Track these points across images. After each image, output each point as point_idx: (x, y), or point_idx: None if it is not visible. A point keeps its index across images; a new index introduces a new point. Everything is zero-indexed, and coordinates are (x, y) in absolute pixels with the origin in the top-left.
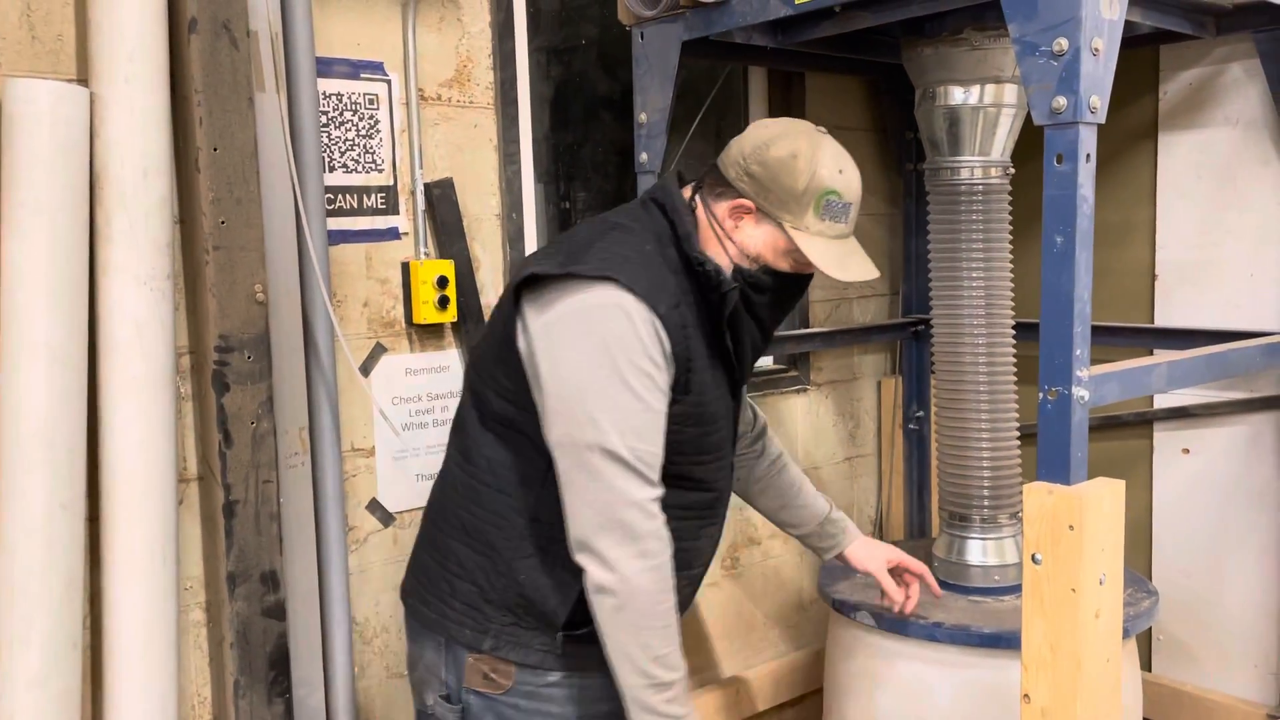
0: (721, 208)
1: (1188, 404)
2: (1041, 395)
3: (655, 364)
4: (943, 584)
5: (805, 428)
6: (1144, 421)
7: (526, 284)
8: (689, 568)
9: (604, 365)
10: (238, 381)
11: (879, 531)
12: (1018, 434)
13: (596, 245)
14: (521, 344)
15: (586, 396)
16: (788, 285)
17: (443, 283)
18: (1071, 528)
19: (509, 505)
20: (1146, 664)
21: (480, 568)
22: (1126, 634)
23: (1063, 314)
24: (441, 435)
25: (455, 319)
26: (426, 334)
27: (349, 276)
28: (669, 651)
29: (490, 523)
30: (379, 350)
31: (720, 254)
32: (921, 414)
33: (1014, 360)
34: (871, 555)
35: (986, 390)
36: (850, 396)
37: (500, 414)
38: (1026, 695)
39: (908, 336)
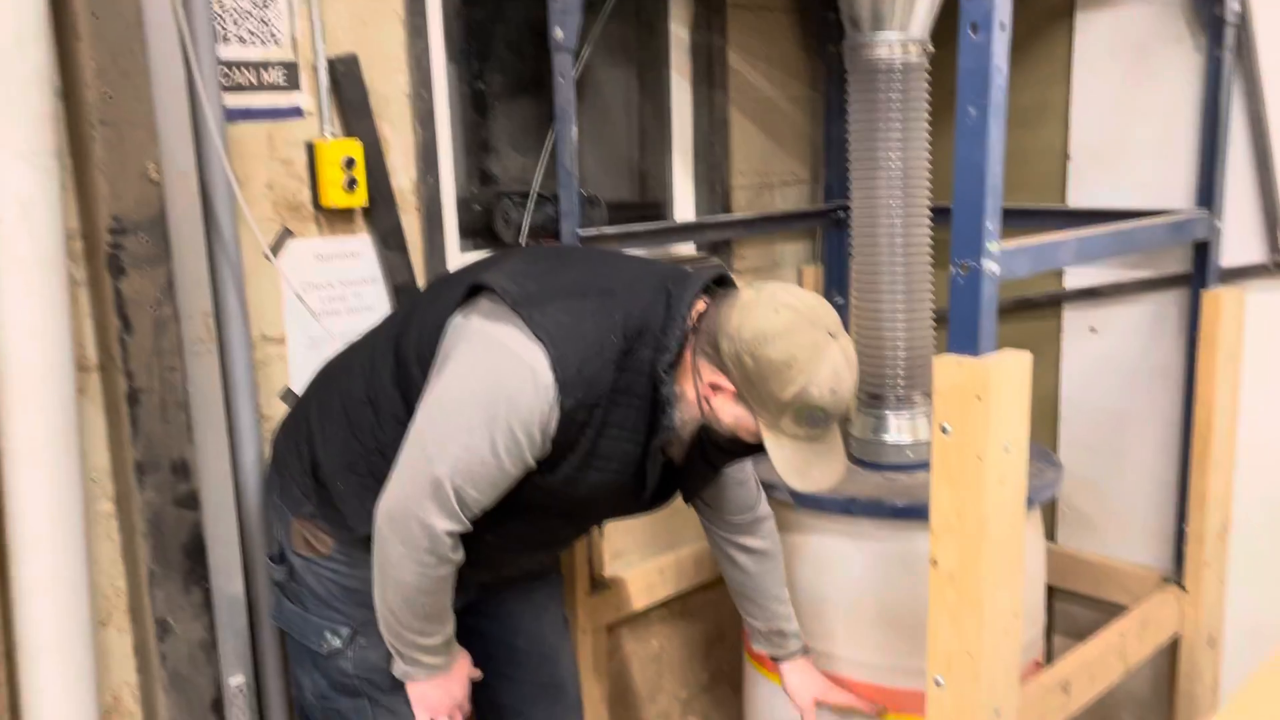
0: (706, 371)
1: (1096, 284)
2: (953, 269)
3: (531, 438)
4: (859, 461)
5: None
6: (1054, 302)
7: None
8: (495, 568)
9: (486, 411)
10: (134, 265)
11: None
12: (933, 314)
13: (564, 304)
14: (447, 325)
15: (453, 422)
16: (748, 449)
17: (350, 164)
18: (979, 398)
19: (370, 425)
20: (1051, 535)
21: (323, 448)
22: (1031, 504)
23: (975, 187)
24: (355, 322)
25: (365, 203)
26: (335, 218)
27: (250, 157)
28: (422, 628)
29: (349, 426)
30: (285, 235)
31: (692, 399)
32: (841, 302)
33: (930, 242)
34: (804, 686)
35: (902, 269)
36: None
37: (408, 358)
38: (934, 560)
39: (828, 223)
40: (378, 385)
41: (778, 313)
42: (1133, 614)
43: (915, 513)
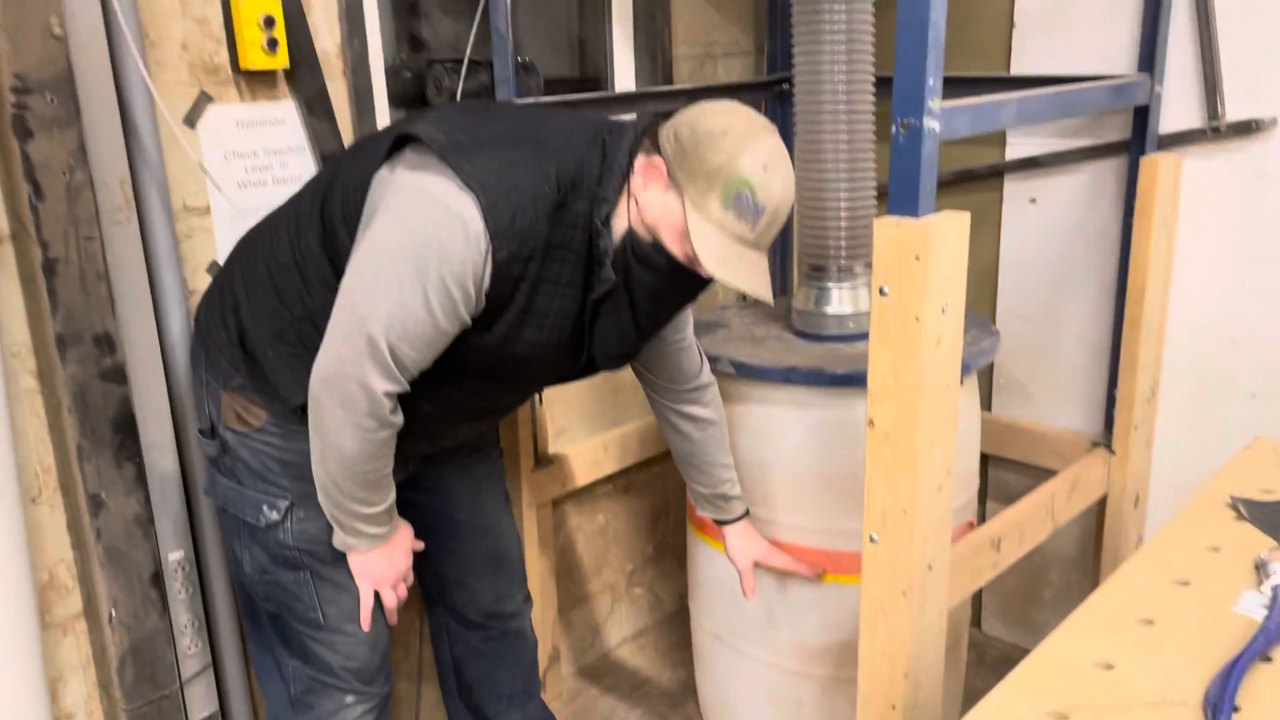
0: (640, 162)
1: (1037, 154)
2: (894, 128)
3: (465, 292)
4: (800, 333)
5: None
6: (995, 173)
7: (413, 137)
8: (434, 439)
9: (416, 265)
10: (42, 128)
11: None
12: (875, 184)
13: (495, 153)
14: (372, 180)
15: (383, 279)
16: (676, 281)
17: (270, 23)
18: (918, 258)
19: (298, 291)
20: (987, 404)
21: (250, 317)
22: (967, 369)
23: (918, 43)
24: (283, 193)
25: (287, 65)
26: (257, 81)
27: (161, 14)
28: (364, 496)
29: (276, 293)
30: (204, 100)
31: (623, 214)
32: None
33: (873, 111)
34: (746, 549)
35: (846, 138)
36: None
37: (335, 220)
38: (871, 421)
39: (771, 96)
40: (304, 249)
41: (722, 106)
42: (1062, 476)
43: (854, 380)
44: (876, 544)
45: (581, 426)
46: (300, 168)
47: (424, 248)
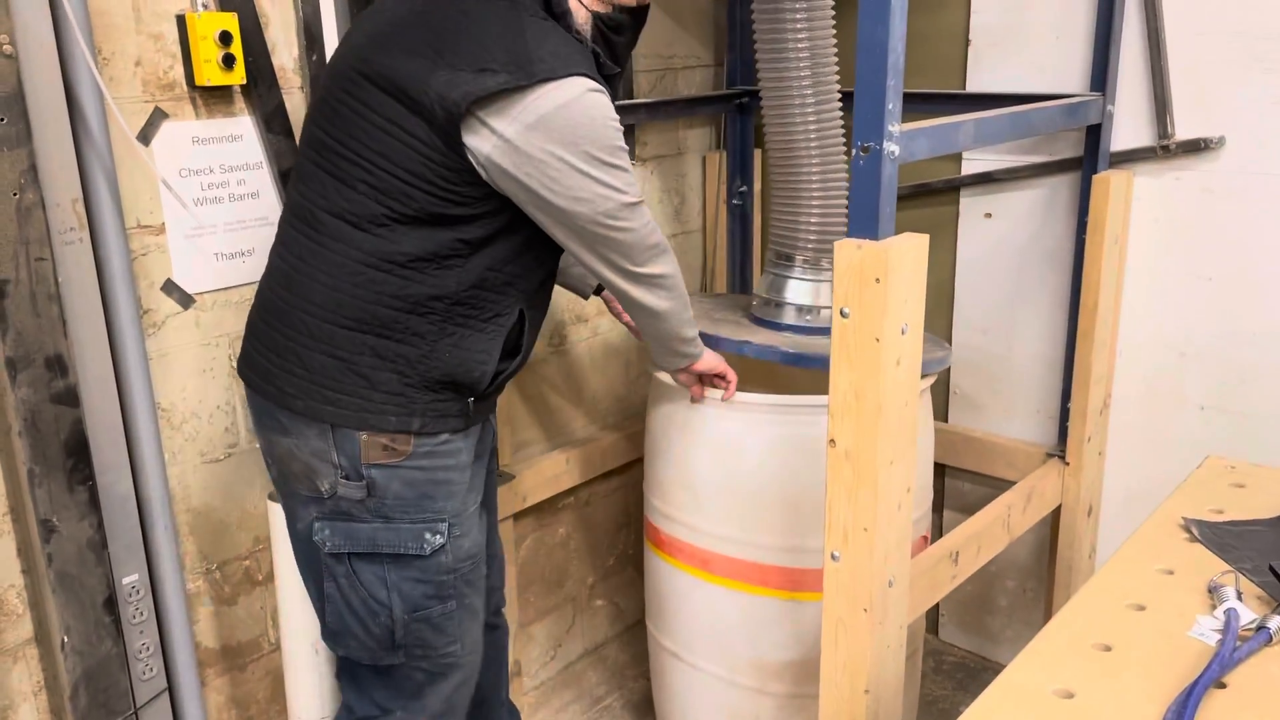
0: None
1: (992, 169)
2: (855, 151)
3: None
4: (759, 321)
5: None
6: (951, 188)
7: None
8: (532, 346)
9: (601, 144)
10: None
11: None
12: (845, 183)
13: (530, 43)
14: (484, 149)
15: (600, 176)
16: (638, 25)
17: (226, 39)
18: (878, 280)
19: (431, 295)
20: (943, 415)
21: (402, 355)
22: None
23: (878, 68)
24: (240, 211)
25: (244, 80)
26: (213, 98)
27: (115, 30)
28: (690, 315)
29: (414, 312)
30: (159, 116)
31: (579, 11)
32: (745, 189)
33: (841, 119)
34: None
35: (816, 146)
36: (676, 172)
37: (429, 212)
38: (832, 440)
39: (732, 109)
40: (412, 264)
41: None
42: (1018, 488)
43: (804, 360)
44: (838, 562)
45: (541, 441)
46: (258, 183)
47: (593, 136)
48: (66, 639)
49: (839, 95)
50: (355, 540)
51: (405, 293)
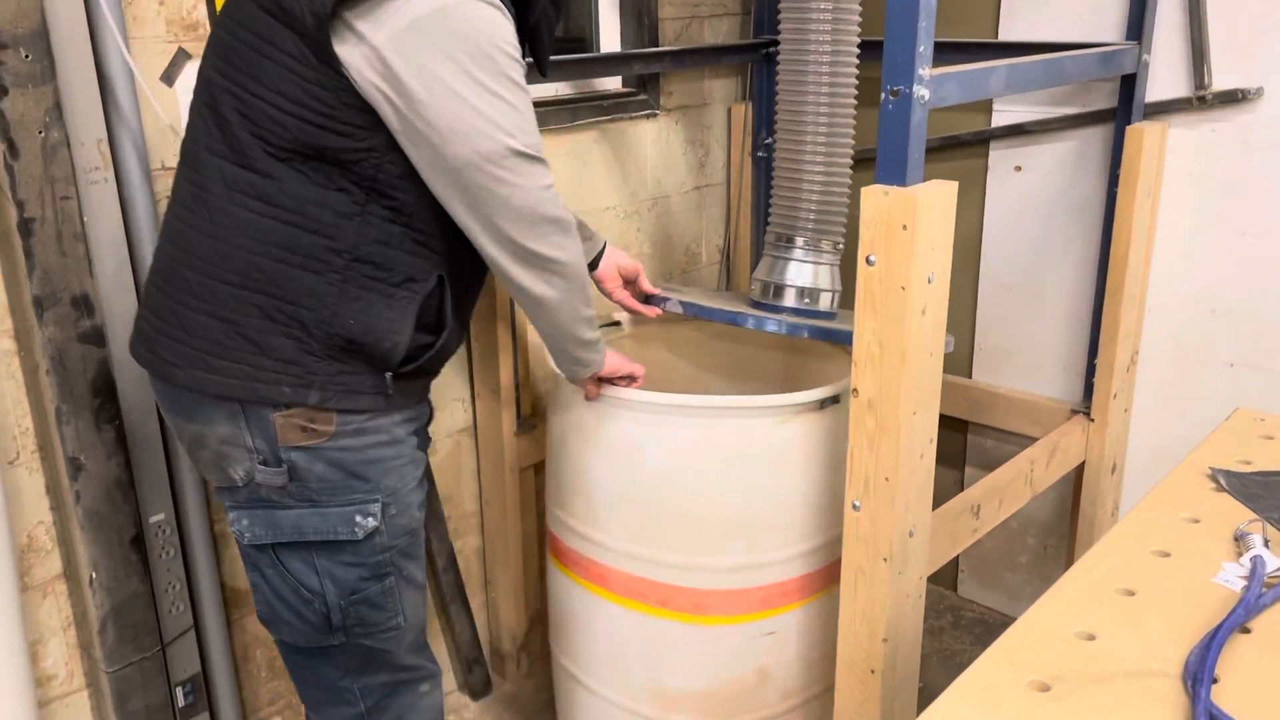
0: None
1: (1023, 121)
2: (883, 95)
3: (520, 52)
4: (756, 304)
5: (655, 155)
6: (981, 141)
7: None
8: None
9: (485, 65)
10: (17, 84)
11: (725, 261)
12: (851, 159)
13: None
14: (354, 60)
15: (479, 104)
16: None
17: None
18: (905, 227)
19: (326, 246)
20: (968, 370)
21: (296, 319)
22: None
23: (909, 9)
24: None
25: None
26: None
27: None
28: (591, 313)
29: (307, 268)
30: (182, 56)
31: None
32: (770, 141)
33: (856, 81)
34: (609, 273)
35: (827, 110)
36: (700, 123)
37: (304, 143)
38: (855, 389)
39: (759, 59)
40: (301, 210)
41: None
42: (1042, 443)
43: (835, 335)
44: (858, 511)
45: None
46: None
47: (477, 47)
48: (95, 575)
49: (856, 56)
50: (278, 529)
51: (295, 244)
